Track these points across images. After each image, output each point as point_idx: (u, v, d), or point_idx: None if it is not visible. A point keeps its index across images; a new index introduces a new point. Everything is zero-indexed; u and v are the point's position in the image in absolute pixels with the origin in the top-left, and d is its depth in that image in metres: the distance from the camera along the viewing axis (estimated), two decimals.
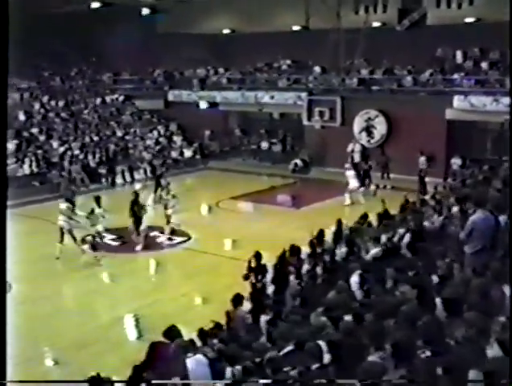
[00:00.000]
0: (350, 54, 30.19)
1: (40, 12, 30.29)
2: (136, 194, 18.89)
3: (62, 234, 17.16)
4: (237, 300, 9.77)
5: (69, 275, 15.92)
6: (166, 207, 19.28)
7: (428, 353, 5.84)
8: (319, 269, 10.63)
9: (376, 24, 31.24)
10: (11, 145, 27.96)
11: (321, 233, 12.59)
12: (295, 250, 11.75)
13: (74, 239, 17.22)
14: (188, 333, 8.86)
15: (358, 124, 29.96)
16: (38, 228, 20.40)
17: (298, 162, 31.07)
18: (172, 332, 8.45)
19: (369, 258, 10.91)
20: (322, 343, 6.57)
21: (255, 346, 7.78)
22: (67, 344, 11.77)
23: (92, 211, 18.59)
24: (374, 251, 11.02)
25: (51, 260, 16.84)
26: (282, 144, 33.83)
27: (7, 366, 5.79)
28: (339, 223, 13.31)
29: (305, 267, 11.00)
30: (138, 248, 18.18)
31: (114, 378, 7.81)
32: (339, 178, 24.84)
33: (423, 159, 25.55)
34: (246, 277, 11.65)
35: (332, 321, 7.47)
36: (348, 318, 7.39)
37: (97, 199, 19.15)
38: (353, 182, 23.43)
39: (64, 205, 17.63)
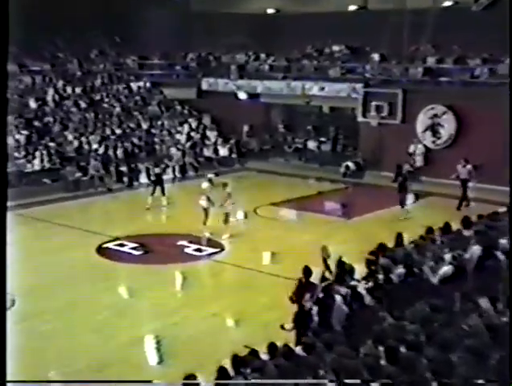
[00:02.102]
0: (415, 39, 30.03)
1: None
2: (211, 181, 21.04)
3: None
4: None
5: (84, 287, 16.16)
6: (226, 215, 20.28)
7: None
8: (370, 291, 10.75)
9: (447, 3, 31.12)
10: (20, 137, 28.57)
11: (381, 248, 12.59)
12: (344, 267, 11.76)
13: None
14: (219, 359, 8.94)
15: (422, 121, 29.81)
16: (48, 233, 20.73)
17: (350, 164, 31.09)
18: None
19: (436, 281, 10.81)
20: None
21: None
22: (80, 367, 11.92)
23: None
24: (444, 270, 10.88)
25: (63, 270, 17.13)
26: (333, 143, 33.91)
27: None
28: (398, 237, 13.29)
29: (359, 287, 11.09)
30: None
31: None
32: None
33: (469, 168, 24.37)
34: (294, 300, 11.52)
35: (387, 352, 7.47)
36: (404, 349, 7.36)
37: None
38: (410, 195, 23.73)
39: None
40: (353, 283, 11.28)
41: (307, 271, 11.59)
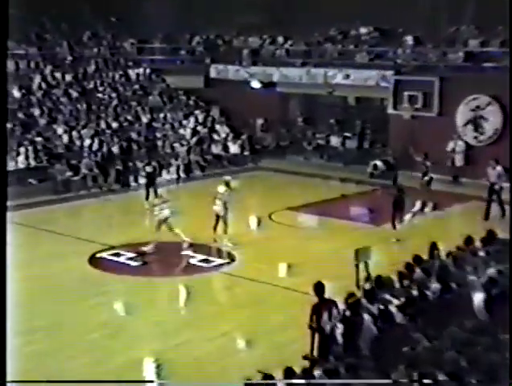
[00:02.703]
0: (455, 19, 30.11)
1: None
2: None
3: None
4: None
5: (74, 303, 16.21)
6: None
7: None
8: (402, 308, 10.81)
9: None
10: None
11: (416, 260, 12.62)
12: (379, 281, 11.86)
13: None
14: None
15: (463, 114, 29.81)
16: (33, 241, 20.92)
17: (379, 163, 31.13)
18: None
19: (477, 305, 10.83)
20: None
21: None
22: None
23: None
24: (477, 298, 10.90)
25: (50, 284, 17.26)
26: (359, 139, 33.95)
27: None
28: (433, 247, 13.32)
29: (390, 304, 11.11)
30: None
31: None
32: (435, 187, 24.77)
33: (499, 170, 24.18)
34: (315, 328, 11.39)
35: (421, 379, 7.45)
36: (442, 377, 7.36)
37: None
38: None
39: None
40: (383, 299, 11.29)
41: (319, 287, 11.56)
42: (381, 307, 11.04)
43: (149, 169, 25.28)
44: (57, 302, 16.08)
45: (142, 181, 28.11)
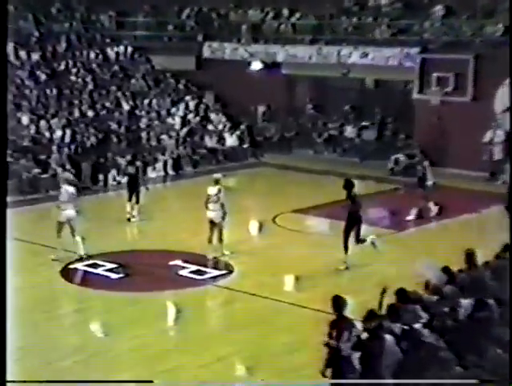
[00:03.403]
0: None
1: None
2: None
3: None
4: None
5: (44, 323, 16.10)
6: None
7: None
8: (430, 327, 10.89)
9: None
10: None
11: (445, 271, 12.74)
12: (404, 296, 11.88)
13: None
14: None
15: (502, 98, 29.79)
16: None
17: (401, 158, 31.26)
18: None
19: None
20: None
21: None
22: None
23: None
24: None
25: (15, 301, 16.43)
26: (379, 129, 34.05)
27: None
28: (468, 257, 13.41)
29: (417, 322, 11.18)
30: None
31: None
32: (468, 186, 25.13)
33: None
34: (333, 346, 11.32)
35: None
36: None
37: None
38: None
39: None
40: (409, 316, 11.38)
41: (339, 302, 11.43)
42: (406, 326, 11.08)
43: (131, 170, 24.86)
44: (22, 323, 15.71)
45: (124, 180, 27.95)
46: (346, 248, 19.32)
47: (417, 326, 11.15)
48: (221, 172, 26.53)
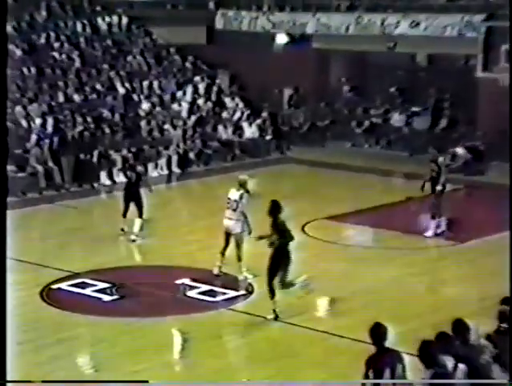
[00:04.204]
0: None
1: None
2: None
3: None
4: None
5: (20, 356, 15.87)
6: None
7: None
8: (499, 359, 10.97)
9: None
10: None
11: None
12: (457, 328, 11.53)
13: None
14: None
15: None
16: None
17: (460, 151, 31.07)
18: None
19: None
20: None
21: None
22: None
23: None
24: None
25: None
26: (433, 116, 33.90)
27: None
28: None
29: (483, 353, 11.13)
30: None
31: None
32: None
33: None
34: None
35: None
36: None
37: None
38: None
39: None
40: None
41: (378, 331, 11.38)
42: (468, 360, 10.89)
43: (131, 174, 23.77)
44: None
45: (120, 179, 28.14)
46: (272, 292, 18.21)
47: (485, 357, 11.19)
48: (238, 170, 27.42)
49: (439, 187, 23.52)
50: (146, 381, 12.07)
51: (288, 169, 32.23)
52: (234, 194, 20.13)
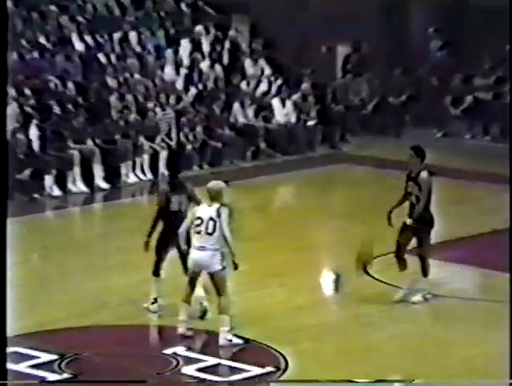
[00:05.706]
0: None
1: None
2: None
3: None
4: None
5: None
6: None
7: None
8: None
9: None
10: None
11: None
12: None
13: None
14: None
15: None
16: None
17: None
18: None
19: None
20: None
21: None
22: None
23: None
24: None
25: None
26: None
27: None
28: None
29: None
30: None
31: None
32: None
33: None
34: None
35: None
36: None
37: None
38: None
39: None
40: None
41: None
42: None
43: (173, 205, 18.13)
44: None
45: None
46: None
47: None
48: (262, 174, 25.89)
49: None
50: (144, 381, 12.27)
51: (343, 172, 27.44)
52: (206, 210, 15.96)
